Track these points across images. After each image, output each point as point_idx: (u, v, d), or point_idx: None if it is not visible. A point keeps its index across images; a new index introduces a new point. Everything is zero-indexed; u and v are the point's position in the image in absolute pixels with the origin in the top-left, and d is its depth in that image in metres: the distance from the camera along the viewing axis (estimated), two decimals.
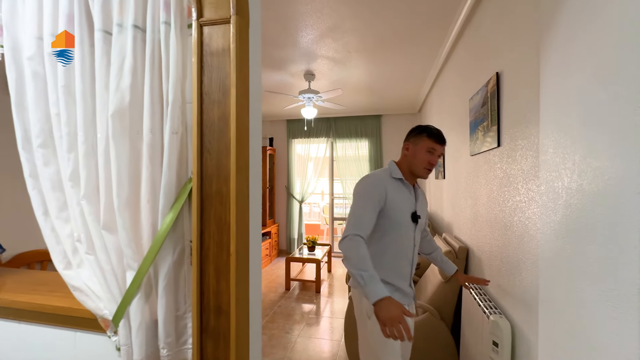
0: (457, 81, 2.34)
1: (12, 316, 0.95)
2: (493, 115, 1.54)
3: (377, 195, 1.22)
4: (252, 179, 0.82)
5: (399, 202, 1.26)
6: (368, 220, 1.18)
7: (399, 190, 1.27)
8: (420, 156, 1.28)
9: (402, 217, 1.26)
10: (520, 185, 1.26)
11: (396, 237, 1.26)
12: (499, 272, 1.50)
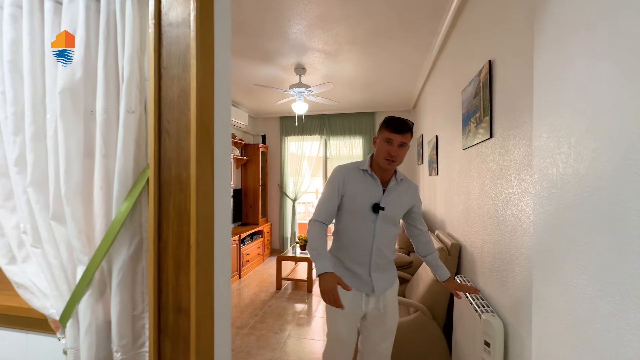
0: (450, 74, 2.28)
1: None
2: (485, 105, 1.48)
3: (336, 185, 1.34)
4: (219, 164, 0.75)
5: (358, 192, 1.34)
6: (328, 207, 1.34)
7: (361, 181, 1.35)
8: (380, 147, 1.32)
9: (359, 206, 1.33)
10: (513, 177, 1.20)
11: (352, 224, 1.35)
12: (491, 269, 1.43)
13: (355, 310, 1.36)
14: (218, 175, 0.75)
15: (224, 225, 0.78)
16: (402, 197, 1.41)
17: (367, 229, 1.34)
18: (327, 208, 1.34)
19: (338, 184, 1.34)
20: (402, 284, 2.61)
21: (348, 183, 1.34)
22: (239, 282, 3.91)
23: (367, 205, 1.33)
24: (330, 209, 1.35)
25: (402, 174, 1.43)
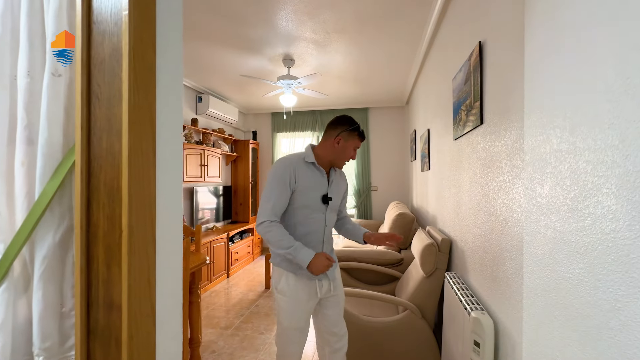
0: (441, 63, 2.19)
1: None
2: (476, 90, 1.39)
3: (287, 179, 1.30)
4: (163, 135, 0.65)
5: (309, 185, 1.34)
6: (280, 203, 1.30)
7: (310, 174, 1.35)
8: (347, 152, 1.40)
9: (312, 200, 1.35)
10: (504, 163, 1.11)
11: (305, 218, 1.35)
12: (482, 264, 1.34)
13: (311, 298, 1.39)
14: (163, 148, 0.64)
15: (172, 208, 0.68)
16: (339, 185, 1.49)
17: (319, 221, 1.38)
18: (280, 202, 1.30)
19: (290, 178, 1.31)
20: (391, 282, 2.52)
21: (299, 177, 1.32)
22: (227, 281, 3.80)
23: (318, 198, 1.36)
24: (283, 203, 1.31)
25: None
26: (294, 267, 1.35)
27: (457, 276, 1.64)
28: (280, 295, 1.37)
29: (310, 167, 1.37)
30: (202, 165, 3.52)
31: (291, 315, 1.36)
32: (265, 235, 1.28)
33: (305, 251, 1.27)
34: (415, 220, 3.29)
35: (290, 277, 1.35)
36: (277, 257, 1.38)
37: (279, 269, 1.38)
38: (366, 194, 4.79)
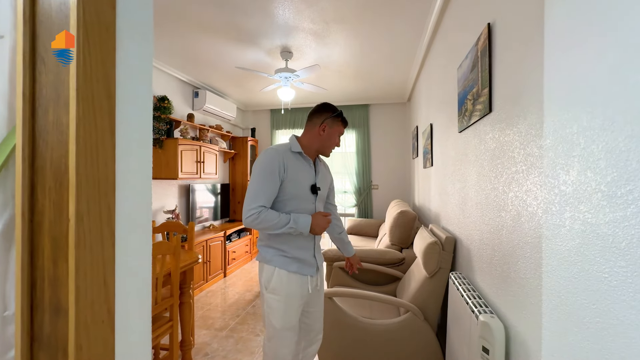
0: (445, 53, 2.09)
1: None
2: (484, 76, 1.29)
3: (275, 169, 1.26)
4: (126, 110, 0.55)
5: (298, 175, 1.31)
6: (269, 193, 1.26)
7: (297, 164, 1.33)
8: (333, 139, 1.40)
9: (301, 189, 1.32)
10: (517, 152, 1.01)
11: (296, 208, 1.31)
12: (490, 263, 1.25)
13: (303, 295, 1.36)
14: (126, 126, 0.55)
15: (139, 196, 0.59)
16: (326, 174, 1.50)
17: (310, 211, 1.36)
18: (269, 191, 1.26)
19: (279, 168, 1.27)
20: (392, 283, 2.42)
21: (288, 167, 1.29)
22: (223, 281, 3.70)
23: (307, 188, 1.34)
24: (271, 193, 1.27)
25: None
26: (285, 263, 1.32)
27: (462, 276, 1.54)
28: (272, 295, 1.31)
29: (297, 156, 1.35)
30: (198, 161, 3.43)
31: (284, 315, 1.30)
32: (259, 224, 1.22)
33: (303, 217, 1.28)
34: (417, 218, 3.19)
35: (282, 274, 1.31)
36: (268, 253, 1.34)
37: (269, 266, 1.32)
38: (367, 193, 4.70)
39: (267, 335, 1.34)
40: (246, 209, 1.23)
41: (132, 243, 0.57)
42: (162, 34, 2.53)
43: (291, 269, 1.31)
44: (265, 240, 1.36)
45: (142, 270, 0.60)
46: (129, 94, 0.56)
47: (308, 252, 1.38)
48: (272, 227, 1.24)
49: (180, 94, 3.59)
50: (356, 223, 4.38)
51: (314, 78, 3.57)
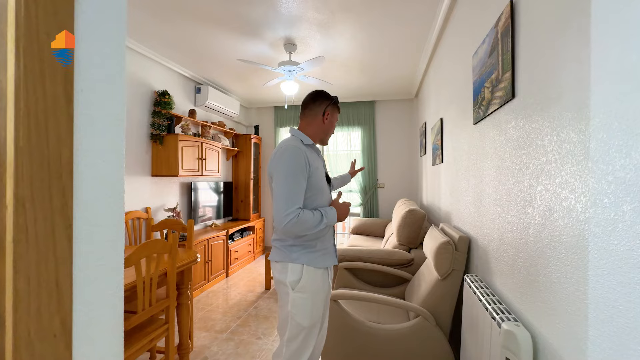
0: (458, 40, 1.97)
1: None
2: (505, 59, 1.18)
3: (303, 166, 1.22)
4: (87, 76, 0.45)
5: (318, 169, 1.31)
6: (302, 192, 1.23)
7: (313, 156, 1.32)
8: (333, 126, 1.44)
9: (322, 182, 1.32)
10: (547, 140, 0.90)
11: (321, 203, 1.31)
12: (513, 265, 1.13)
13: (325, 290, 1.34)
14: (88, 95, 0.45)
15: (107, 183, 0.49)
16: None
17: (329, 202, 1.37)
18: (301, 192, 1.23)
19: (305, 164, 1.23)
20: (401, 285, 2.31)
21: (310, 161, 1.27)
22: (225, 280, 3.62)
23: (324, 179, 1.35)
24: (303, 194, 1.23)
25: None
26: (313, 259, 1.29)
27: (479, 279, 1.42)
28: (300, 294, 1.26)
29: (310, 148, 1.36)
30: (199, 158, 3.35)
31: (312, 313, 1.28)
32: (299, 227, 1.18)
33: (329, 210, 1.29)
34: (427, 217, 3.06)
35: (310, 271, 1.28)
36: (293, 252, 1.29)
37: (296, 265, 1.27)
38: (372, 192, 4.58)
39: (290, 336, 1.27)
40: (283, 214, 1.16)
41: (97, 237, 0.47)
42: (161, 26, 2.45)
43: (318, 264, 1.30)
44: (290, 239, 1.29)
45: (111, 272, 0.50)
46: (94, 49, 0.46)
47: (330, 240, 1.39)
48: (310, 227, 1.21)
49: (182, 89, 3.52)
50: (362, 223, 4.26)
51: (319, 72, 3.46)
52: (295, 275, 1.26)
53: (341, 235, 5.36)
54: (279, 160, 1.23)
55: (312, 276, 1.28)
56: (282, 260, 1.30)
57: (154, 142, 2.99)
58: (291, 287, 1.27)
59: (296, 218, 1.16)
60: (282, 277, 1.30)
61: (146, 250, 1.43)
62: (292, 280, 1.27)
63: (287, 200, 1.17)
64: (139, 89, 2.90)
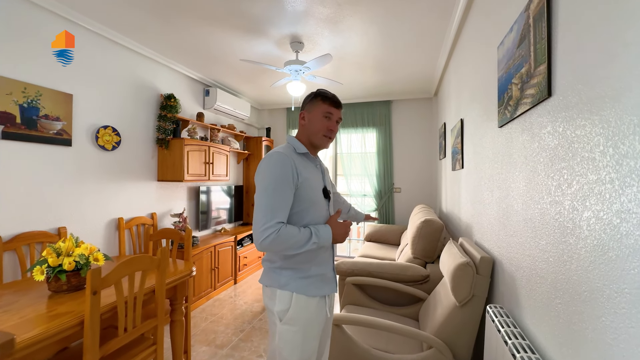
0: (481, 31, 1.74)
1: None
2: (539, 48, 0.95)
3: (288, 175, 1.05)
4: None
5: (310, 180, 1.12)
6: (285, 206, 1.05)
7: (306, 166, 1.15)
8: (317, 123, 1.17)
9: (316, 194, 1.14)
10: (598, 153, 0.68)
11: (313, 218, 1.13)
12: (550, 305, 0.90)
13: (321, 321, 1.15)
14: None
15: None
16: (327, 175, 1.30)
17: (325, 219, 1.17)
18: (285, 205, 1.05)
19: (292, 174, 1.07)
20: (415, 304, 2.09)
21: (300, 171, 1.10)
22: (233, 288, 3.52)
23: (320, 192, 1.17)
24: (287, 207, 1.06)
25: None
26: (305, 286, 1.11)
27: (504, 312, 1.20)
28: (288, 327, 1.09)
29: (303, 158, 1.17)
30: (206, 162, 3.27)
31: (302, 348, 1.09)
32: (279, 245, 1.01)
33: (323, 229, 1.10)
34: (445, 227, 2.81)
35: (300, 299, 1.10)
36: (283, 276, 1.12)
37: (285, 292, 1.10)
38: (388, 196, 4.34)
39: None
40: (260, 228, 1.00)
41: None
42: (165, 27, 2.37)
43: (311, 292, 1.11)
44: (278, 261, 1.13)
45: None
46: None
47: (328, 265, 1.19)
48: (293, 245, 1.03)
49: (191, 92, 3.45)
50: (376, 229, 4.04)
51: (330, 72, 3.29)
52: (283, 305, 1.09)
53: (355, 242, 5.15)
54: (261, 168, 1.09)
55: (304, 306, 1.10)
56: (270, 285, 1.14)
57: (160, 146, 2.93)
58: (279, 317, 1.10)
59: (276, 234, 0.99)
60: (270, 304, 1.14)
61: (129, 267, 1.32)
62: (279, 309, 1.10)
63: (267, 212, 1.01)
64: (145, 93, 2.85)
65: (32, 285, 1.53)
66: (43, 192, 2.05)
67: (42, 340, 1.08)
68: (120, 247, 2.55)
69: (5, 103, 1.83)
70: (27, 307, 1.29)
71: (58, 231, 2.11)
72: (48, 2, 2.01)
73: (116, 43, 2.53)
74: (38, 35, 2.00)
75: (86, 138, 2.32)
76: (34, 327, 1.13)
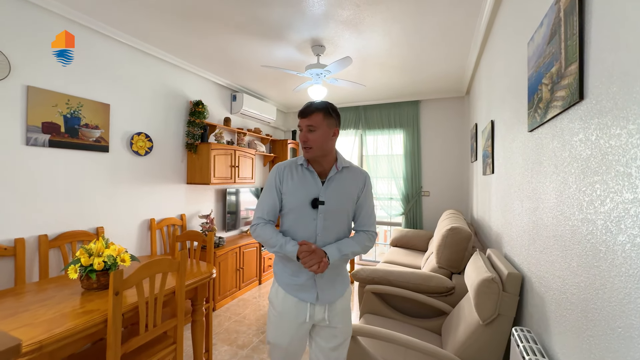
0: (512, 25, 1.60)
1: None
2: (570, 46, 0.85)
3: (273, 183, 1.27)
4: None
5: (295, 189, 1.25)
6: (267, 206, 1.27)
7: (298, 177, 1.26)
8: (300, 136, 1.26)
9: (297, 204, 1.24)
10: (635, 168, 0.58)
11: (292, 224, 1.26)
12: (581, 335, 0.80)
13: (299, 320, 1.24)
14: None
15: None
16: (345, 186, 1.27)
17: (309, 228, 1.23)
18: (267, 205, 1.27)
19: (275, 181, 1.27)
20: (438, 317, 1.97)
21: (284, 179, 1.27)
22: (258, 288, 3.59)
23: (306, 202, 1.23)
24: (270, 206, 1.27)
25: (347, 162, 1.31)
26: (285, 282, 1.26)
27: (531, 337, 1.08)
28: (271, 307, 1.30)
29: (300, 169, 1.28)
30: (232, 166, 3.37)
31: (275, 331, 1.26)
32: (257, 237, 1.26)
33: (291, 245, 1.18)
34: (475, 235, 2.64)
35: (280, 291, 1.27)
36: (277, 267, 1.32)
37: (274, 279, 1.32)
38: (415, 200, 4.17)
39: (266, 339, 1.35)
40: (252, 220, 1.30)
41: None
42: (193, 38, 2.48)
43: (288, 291, 1.25)
44: (276, 259, 1.36)
45: None
46: None
47: (303, 276, 1.24)
48: (266, 243, 1.24)
49: (218, 97, 3.58)
50: (402, 234, 3.91)
51: (354, 74, 3.23)
52: (272, 289, 1.31)
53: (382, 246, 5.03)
54: None
55: (282, 298, 1.25)
56: None
57: (189, 150, 3.07)
58: (269, 298, 1.31)
59: (254, 227, 1.26)
60: None
61: (149, 270, 1.38)
62: (270, 293, 1.31)
63: (256, 209, 1.29)
64: (175, 100, 3.00)
65: (69, 281, 1.67)
66: (83, 195, 2.23)
67: (70, 336, 1.17)
68: (152, 246, 2.71)
69: (51, 114, 2.02)
70: (62, 303, 1.40)
71: (96, 231, 2.29)
72: (89, 21, 2.18)
73: (147, 54, 2.69)
74: (80, 51, 2.18)
75: (121, 144, 2.49)
76: (65, 321, 1.22)
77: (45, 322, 1.22)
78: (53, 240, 2.02)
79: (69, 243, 2.11)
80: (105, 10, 2.10)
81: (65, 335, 1.15)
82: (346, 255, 1.23)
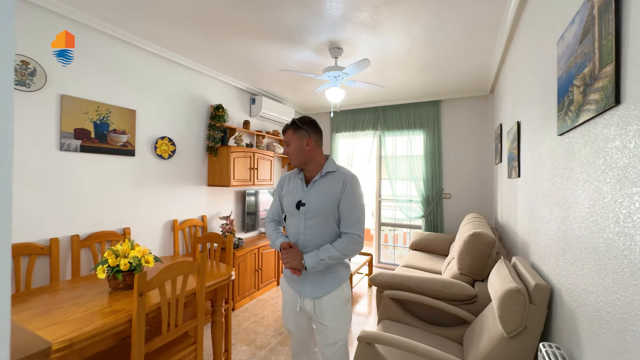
0: (539, 22, 1.52)
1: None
2: (605, 46, 0.79)
3: (277, 189, 1.57)
4: None
5: (289, 194, 1.46)
6: (273, 207, 1.56)
7: (292, 183, 1.48)
8: None
9: (287, 204, 1.46)
10: None
11: (287, 222, 1.49)
12: (618, 357, 0.74)
13: (295, 308, 1.43)
14: None
15: None
16: (325, 189, 1.38)
17: (295, 227, 1.41)
18: (274, 207, 1.56)
19: (278, 187, 1.56)
20: (460, 326, 1.91)
21: (283, 186, 1.52)
22: (276, 289, 3.63)
23: (293, 204, 1.41)
24: (275, 207, 1.55)
25: (335, 167, 1.42)
26: (285, 273, 1.48)
27: (560, 355, 1.02)
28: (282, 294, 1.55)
29: (295, 176, 1.49)
30: (251, 168, 3.42)
31: (284, 316, 1.51)
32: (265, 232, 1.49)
33: (279, 239, 1.43)
34: (499, 241, 2.54)
35: (283, 279, 1.52)
36: None
37: None
38: (436, 203, 4.07)
39: None
40: None
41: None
42: (212, 43, 2.54)
43: (287, 279, 1.47)
44: None
45: None
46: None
47: None
48: (268, 238, 1.51)
49: (238, 101, 3.66)
50: (422, 238, 3.82)
51: (372, 75, 3.20)
52: None
53: (401, 248, 4.94)
54: None
55: (284, 286, 1.50)
56: None
57: (210, 153, 3.16)
58: None
59: (264, 223, 1.56)
60: None
61: (170, 272, 1.43)
62: None
63: (268, 210, 1.59)
64: (197, 104, 3.09)
65: (98, 280, 1.76)
66: (111, 197, 2.34)
67: (98, 334, 1.23)
68: (174, 247, 2.80)
69: (82, 121, 2.13)
70: (91, 301, 1.48)
71: (123, 231, 2.40)
72: (118, 32, 2.29)
73: (170, 60, 2.79)
74: (109, 61, 2.29)
75: (146, 148, 2.60)
76: (94, 320, 1.28)
77: (75, 320, 1.29)
78: (84, 240, 2.13)
79: (98, 243, 2.22)
80: (131, 21, 2.19)
81: (93, 334, 1.21)
82: (323, 260, 1.29)
